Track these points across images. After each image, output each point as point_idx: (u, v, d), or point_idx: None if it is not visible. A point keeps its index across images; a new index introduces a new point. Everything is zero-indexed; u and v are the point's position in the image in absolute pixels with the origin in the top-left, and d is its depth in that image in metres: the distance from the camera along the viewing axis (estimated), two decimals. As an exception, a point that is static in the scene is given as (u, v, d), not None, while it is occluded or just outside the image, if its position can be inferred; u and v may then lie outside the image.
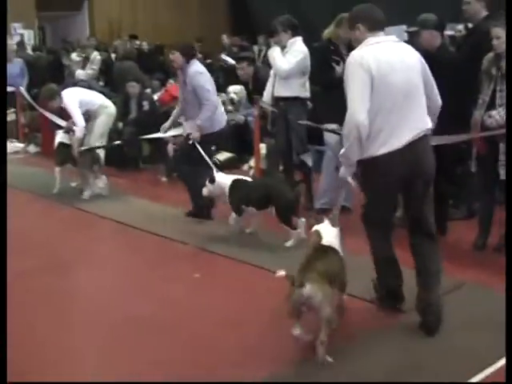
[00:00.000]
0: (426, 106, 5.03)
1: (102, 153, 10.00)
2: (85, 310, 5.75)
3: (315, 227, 5.33)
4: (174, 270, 6.67)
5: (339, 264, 5.04)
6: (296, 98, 8.47)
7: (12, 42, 17.10)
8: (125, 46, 15.89)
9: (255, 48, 16.79)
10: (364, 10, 5.17)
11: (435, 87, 5.16)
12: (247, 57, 10.11)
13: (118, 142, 10.46)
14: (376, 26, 5.05)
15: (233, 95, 12.25)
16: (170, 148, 10.10)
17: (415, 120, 4.93)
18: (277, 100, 8.64)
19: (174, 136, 9.50)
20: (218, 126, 8.10)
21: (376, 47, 4.95)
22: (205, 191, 7.50)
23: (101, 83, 14.13)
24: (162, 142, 10.26)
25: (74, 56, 15.49)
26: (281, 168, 9.01)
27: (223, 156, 10.82)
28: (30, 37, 18.90)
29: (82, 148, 9.61)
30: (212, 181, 7.42)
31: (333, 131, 7.90)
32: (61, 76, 15.85)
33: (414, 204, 5.17)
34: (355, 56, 4.93)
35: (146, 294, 6.04)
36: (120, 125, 11.11)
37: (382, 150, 4.84)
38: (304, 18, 10.32)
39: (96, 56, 15.41)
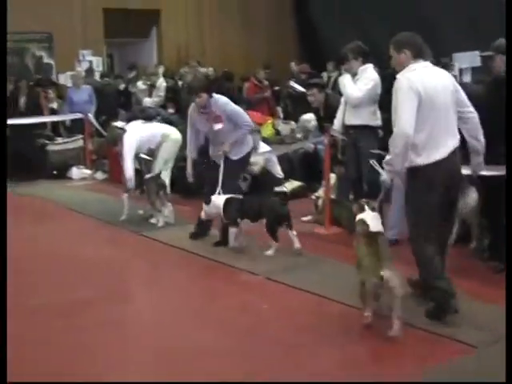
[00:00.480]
0: (464, 119, 5.84)
1: (167, 180, 9.91)
2: (151, 339, 5.68)
3: (359, 216, 5.88)
4: (241, 300, 6.59)
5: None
6: (366, 127, 8.34)
7: (80, 69, 17.27)
8: (194, 73, 15.84)
9: (324, 75, 16.67)
10: (411, 38, 5.90)
11: (467, 102, 5.89)
12: (318, 83, 9.94)
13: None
14: (420, 54, 5.79)
15: (307, 124, 12.12)
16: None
17: (452, 134, 5.73)
18: (347, 128, 8.55)
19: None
20: (247, 150, 8.41)
21: (421, 72, 5.69)
22: (202, 214, 8.17)
23: (170, 110, 14.07)
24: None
25: (140, 84, 15.53)
26: (351, 197, 8.83)
27: (292, 185, 10.70)
28: (98, 64, 19.06)
29: (148, 175, 9.58)
30: (208, 202, 8.00)
31: None
32: (128, 103, 15.93)
33: (449, 211, 5.93)
34: (405, 79, 5.61)
35: (211, 323, 5.98)
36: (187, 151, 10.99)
37: (431, 159, 5.59)
38: (374, 45, 10.12)
39: (162, 83, 15.43)
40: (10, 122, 13.10)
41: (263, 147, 10.65)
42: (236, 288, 6.99)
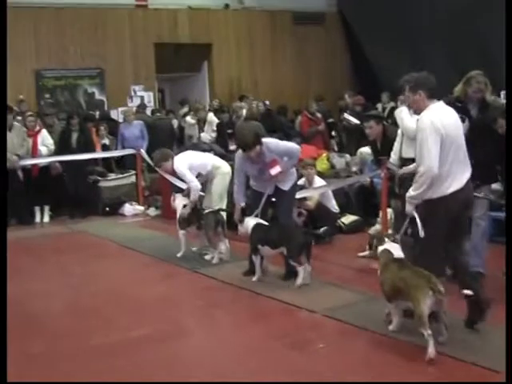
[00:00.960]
0: None
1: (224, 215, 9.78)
2: (207, 377, 5.59)
3: (382, 247, 6.43)
4: (298, 339, 6.43)
5: None
6: (425, 159, 8.09)
7: (132, 105, 17.32)
8: (249, 106, 15.78)
9: (379, 106, 16.50)
10: (426, 79, 6.32)
11: None
12: (376, 115, 9.75)
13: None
14: (434, 94, 6.25)
15: (368, 156, 11.93)
16: None
17: (466, 167, 6.38)
18: (404, 161, 8.29)
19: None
20: (295, 179, 8.62)
21: (439, 112, 6.21)
22: (239, 230, 8.48)
23: (232, 147, 13.96)
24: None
25: (189, 118, 15.47)
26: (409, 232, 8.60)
27: (348, 219, 10.52)
28: (149, 99, 19.13)
29: (206, 210, 9.49)
30: (241, 221, 8.33)
31: None
32: (180, 138, 15.90)
33: (459, 236, 6.56)
34: (427, 120, 6.13)
35: (269, 363, 5.86)
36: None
37: (450, 190, 6.18)
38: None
39: (212, 117, 15.36)
40: (62, 158, 13.18)
41: (318, 182, 10.49)
42: (292, 326, 6.83)
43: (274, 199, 8.52)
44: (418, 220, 6.31)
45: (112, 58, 18.60)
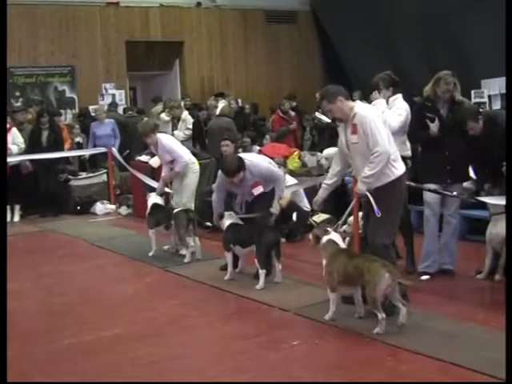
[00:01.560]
0: None
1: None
2: (178, 376, 5.59)
3: (326, 237, 6.59)
4: (271, 337, 6.45)
5: None
6: (397, 157, 8.16)
7: (103, 103, 17.20)
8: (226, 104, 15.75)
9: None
10: (341, 89, 6.71)
11: None
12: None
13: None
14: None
15: (323, 161, 12.02)
16: None
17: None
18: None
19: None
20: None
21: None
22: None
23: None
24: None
25: (163, 116, 15.39)
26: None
27: (320, 218, 10.52)
28: (121, 97, 19.05)
29: (178, 209, 9.50)
30: (221, 217, 8.42)
31: (434, 191, 7.92)
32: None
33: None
34: (371, 111, 6.72)
35: (243, 362, 5.88)
36: (213, 186, 10.85)
37: (400, 172, 6.64)
38: (401, 73, 10.05)
39: (187, 116, 15.31)
40: (32, 157, 13.09)
41: (290, 180, 10.50)
42: (265, 325, 6.83)
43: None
44: (371, 199, 6.52)
45: (83, 56, 18.51)
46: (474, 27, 15.69)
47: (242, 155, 8.67)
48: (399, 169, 6.65)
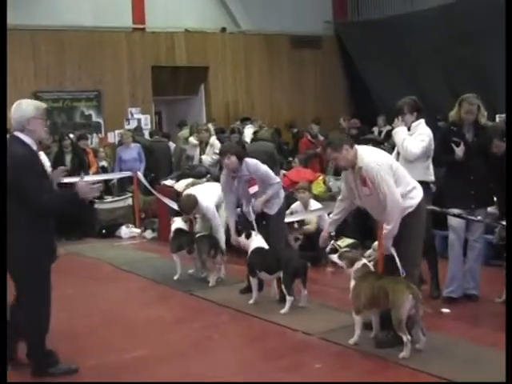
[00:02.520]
0: None
1: (222, 239, 9.81)
2: None
3: (360, 262, 6.64)
4: (294, 360, 6.50)
5: None
6: (421, 182, 8.11)
7: (128, 127, 17.31)
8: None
9: (375, 129, 16.58)
10: (344, 138, 6.82)
11: None
12: (373, 139, 9.86)
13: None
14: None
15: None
16: None
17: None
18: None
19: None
20: (280, 203, 8.73)
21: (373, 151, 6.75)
22: (233, 240, 8.67)
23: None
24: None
25: (192, 139, 15.43)
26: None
27: (344, 242, 10.48)
28: (146, 122, 19.18)
29: (199, 234, 9.60)
30: (248, 236, 8.40)
31: (458, 216, 7.89)
32: (178, 160, 15.88)
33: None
34: (375, 161, 6.49)
35: (262, 382, 5.97)
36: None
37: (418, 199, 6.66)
38: (425, 97, 10.09)
39: (215, 140, 15.38)
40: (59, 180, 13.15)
41: (314, 205, 10.52)
42: (288, 348, 6.85)
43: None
44: (395, 255, 6.48)
45: (109, 81, 18.73)
46: (494, 51, 15.70)
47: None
48: (416, 198, 6.66)
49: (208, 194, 9.96)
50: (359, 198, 6.74)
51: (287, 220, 9.61)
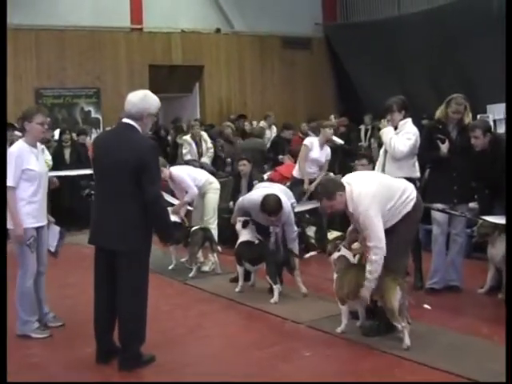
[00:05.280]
0: None
1: (215, 230, 10.14)
2: None
3: (338, 254, 6.88)
4: (284, 348, 6.69)
5: None
6: (407, 179, 8.45)
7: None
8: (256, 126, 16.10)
9: (362, 127, 16.91)
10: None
11: None
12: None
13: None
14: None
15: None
16: None
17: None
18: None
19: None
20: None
21: (361, 182, 6.71)
22: (233, 219, 9.00)
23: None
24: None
25: (188, 138, 15.69)
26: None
27: (332, 235, 10.74)
28: (143, 118, 19.32)
29: (195, 227, 9.83)
30: (244, 225, 8.77)
31: (442, 210, 8.15)
32: (173, 156, 16.16)
33: None
34: (361, 200, 6.46)
35: (256, 371, 6.10)
36: (231, 204, 11.21)
37: (411, 205, 6.72)
38: (411, 97, 10.39)
39: (207, 137, 15.69)
40: (60, 173, 13.44)
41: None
42: (278, 337, 7.09)
43: None
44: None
45: (108, 78, 18.99)
46: (480, 53, 15.96)
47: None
48: (411, 201, 6.70)
49: (182, 168, 10.50)
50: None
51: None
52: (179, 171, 10.24)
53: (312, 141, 11.43)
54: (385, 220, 6.47)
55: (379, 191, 6.53)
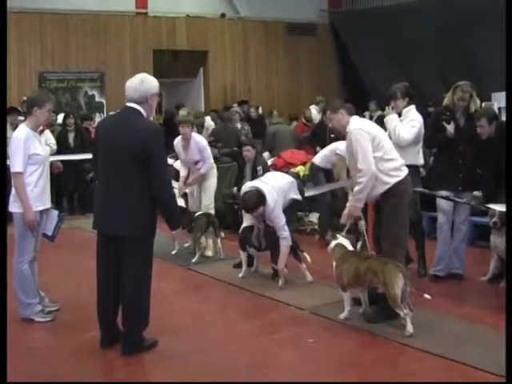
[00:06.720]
0: None
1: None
2: (198, 369, 5.83)
3: (335, 242, 6.98)
4: (287, 334, 6.71)
5: None
6: (411, 166, 8.43)
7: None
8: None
9: (366, 114, 16.86)
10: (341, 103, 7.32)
11: None
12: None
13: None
14: (352, 112, 7.07)
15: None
16: None
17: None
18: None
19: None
20: None
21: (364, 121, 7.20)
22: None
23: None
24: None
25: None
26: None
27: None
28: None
29: (198, 213, 9.82)
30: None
31: (446, 198, 8.12)
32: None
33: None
34: (359, 128, 6.79)
35: (258, 357, 6.12)
36: (235, 189, 11.21)
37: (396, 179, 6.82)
38: (416, 84, 10.36)
39: (209, 122, 15.66)
40: (63, 158, 13.47)
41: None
42: (282, 322, 7.14)
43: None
44: (363, 223, 7.20)
45: (112, 63, 19.01)
46: (486, 41, 15.93)
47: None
48: (395, 177, 6.82)
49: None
50: (351, 168, 7.09)
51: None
52: (202, 139, 10.26)
53: None
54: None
55: (378, 132, 6.98)
